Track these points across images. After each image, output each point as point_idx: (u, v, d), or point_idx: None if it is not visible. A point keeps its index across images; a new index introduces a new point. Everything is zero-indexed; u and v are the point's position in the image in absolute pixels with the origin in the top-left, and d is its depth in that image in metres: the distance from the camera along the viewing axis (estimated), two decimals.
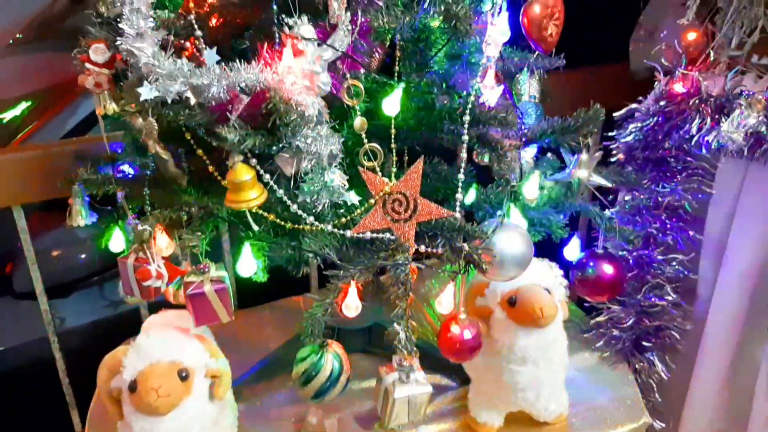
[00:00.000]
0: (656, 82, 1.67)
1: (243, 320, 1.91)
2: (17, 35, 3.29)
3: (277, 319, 1.93)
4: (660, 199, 1.63)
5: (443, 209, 1.28)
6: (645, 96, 1.75)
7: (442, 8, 1.22)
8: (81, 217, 1.55)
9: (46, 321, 1.91)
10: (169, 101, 1.16)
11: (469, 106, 1.32)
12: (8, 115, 2.77)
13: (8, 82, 2.91)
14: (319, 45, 1.20)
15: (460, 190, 1.34)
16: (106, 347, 1.32)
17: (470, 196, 1.58)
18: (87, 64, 1.31)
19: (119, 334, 1.73)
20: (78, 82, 1.34)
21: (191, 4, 1.32)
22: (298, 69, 1.19)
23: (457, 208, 1.32)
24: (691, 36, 1.53)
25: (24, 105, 2.79)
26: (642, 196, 1.65)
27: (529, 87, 1.61)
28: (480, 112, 1.31)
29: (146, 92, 1.17)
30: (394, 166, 1.38)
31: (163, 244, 1.28)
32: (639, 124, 1.59)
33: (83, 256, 2.49)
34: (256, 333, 1.86)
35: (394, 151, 1.41)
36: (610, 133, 1.67)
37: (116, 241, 1.53)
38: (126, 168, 1.52)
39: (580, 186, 1.47)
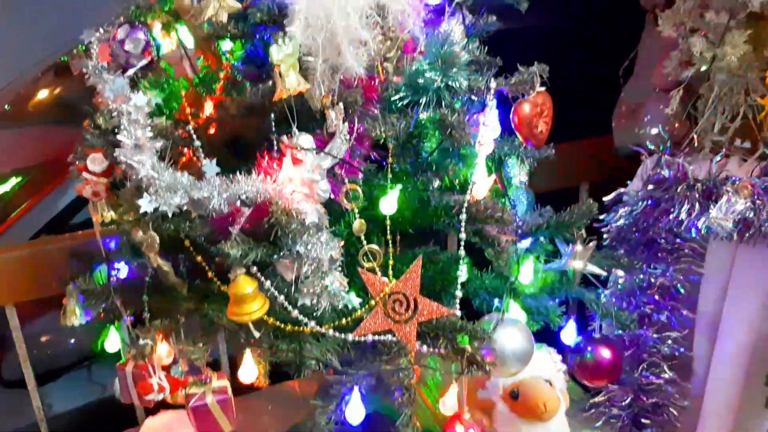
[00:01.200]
0: (642, 161, 1.71)
1: (238, 409, 1.88)
2: (5, 107, 3.30)
3: (273, 407, 1.90)
4: (652, 280, 1.65)
5: (443, 308, 1.29)
6: (629, 171, 1.79)
7: (438, 118, 1.24)
8: (76, 317, 1.53)
9: (36, 408, 1.89)
10: (170, 215, 1.16)
11: (465, 204, 1.34)
12: None
13: None
14: (317, 153, 1.23)
15: (458, 287, 1.35)
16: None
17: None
18: (85, 174, 1.32)
19: (108, 417, 1.70)
20: (75, 191, 1.34)
21: (188, 111, 1.34)
22: (298, 178, 1.20)
23: (457, 307, 1.33)
24: (676, 125, 1.57)
25: (14, 180, 2.77)
26: (635, 277, 1.67)
27: (518, 173, 1.64)
28: (476, 211, 1.33)
29: (146, 205, 1.17)
30: (392, 258, 1.39)
31: (164, 352, 1.27)
32: (629, 209, 1.62)
33: (72, 341, 2.45)
34: (252, 422, 1.84)
35: (390, 242, 1.43)
36: (600, 216, 1.70)
37: (112, 341, 1.52)
38: (122, 267, 1.51)
39: (575, 274, 1.49)
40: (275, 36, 1.15)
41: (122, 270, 1.50)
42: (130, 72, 1.33)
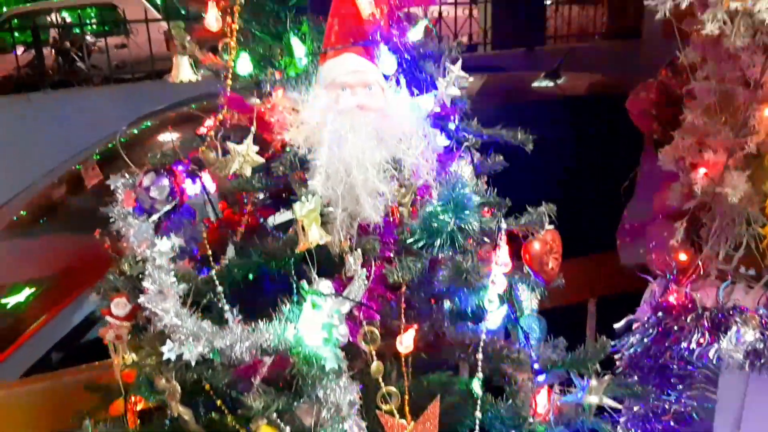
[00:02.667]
0: (649, 287, 1.75)
1: None
2: (21, 212, 3.34)
3: None
4: (666, 406, 1.66)
5: None
6: (637, 285, 1.82)
7: (452, 264, 1.29)
8: None
9: None
10: (193, 363, 1.19)
11: (481, 344, 1.36)
12: (11, 300, 2.74)
13: (10, 265, 2.91)
14: (337, 298, 1.26)
15: (477, 428, 1.36)
16: None
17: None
18: (108, 317, 1.35)
19: None
20: (99, 335, 1.36)
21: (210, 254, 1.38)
22: (318, 323, 1.23)
23: None
24: (682, 257, 1.62)
25: (28, 291, 2.77)
26: (649, 404, 1.67)
27: (529, 301, 1.67)
28: (492, 350, 1.35)
29: (169, 352, 1.20)
30: (406, 390, 1.41)
31: None
32: (640, 336, 1.64)
33: None
34: None
35: (405, 374, 1.45)
36: (612, 342, 1.72)
37: None
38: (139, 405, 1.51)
39: (591, 408, 1.50)
40: (299, 192, 1.21)
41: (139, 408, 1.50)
42: (155, 217, 1.39)
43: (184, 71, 1.38)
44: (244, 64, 1.41)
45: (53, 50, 7.15)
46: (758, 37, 1.40)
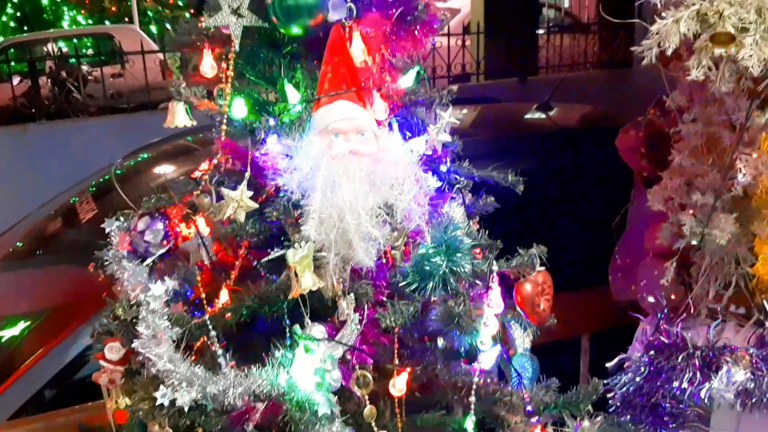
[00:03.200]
0: (641, 325, 1.76)
1: None
2: (17, 243, 3.33)
3: None
4: None
5: None
6: (628, 318, 1.83)
7: (445, 308, 1.30)
8: None
9: None
10: (186, 409, 1.19)
11: (474, 387, 1.37)
12: (6, 334, 2.73)
13: (5, 297, 2.89)
14: (329, 343, 1.27)
15: None
16: None
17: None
18: (102, 362, 1.35)
19: None
20: (92, 379, 1.37)
21: (203, 297, 1.39)
22: (311, 367, 1.24)
23: None
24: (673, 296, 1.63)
25: (23, 324, 2.75)
26: None
27: (522, 341, 1.68)
28: (484, 393, 1.36)
29: (162, 397, 1.21)
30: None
31: None
32: (632, 375, 1.65)
33: None
34: None
35: (399, 414, 1.45)
36: (604, 381, 1.73)
37: None
38: None
39: None
40: (293, 239, 1.23)
41: None
42: (149, 261, 1.40)
43: (179, 117, 1.40)
44: (239, 109, 1.44)
45: (49, 80, 7.19)
46: (742, 83, 1.44)
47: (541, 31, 8.48)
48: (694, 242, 1.57)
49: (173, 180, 2.86)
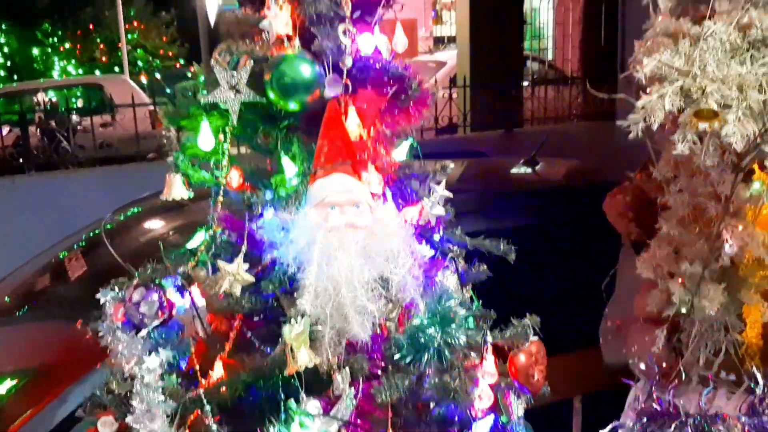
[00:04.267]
0: (633, 391, 1.76)
1: None
2: (5, 298, 3.28)
3: None
4: None
5: None
6: (619, 383, 1.83)
7: (440, 381, 1.30)
8: None
9: None
10: None
11: None
12: None
13: None
14: (324, 418, 1.27)
15: None
16: None
17: None
18: None
19: None
20: None
21: (198, 369, 1.39)
22: None
23: None
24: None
25: (9, 383, 2.69)
26: None
27: (516, 408, 1.68)
28: None
29: None
30: None
31: None
32: None
33: None
34: None
35: None
36: None
37: None
38: None
39: None
40: (288, 311, 1.23)
41: None
42: (143, 332, 1.39)
43: (176, 190, 1.42)
44: (236, 181, 1.46)
45: (38, 130, 7.22)
46: (727, 156, 1.48)
47: (525, 83, 8.68)
48: (683, 311, 1.59)
49: (165, 238, 2.87)
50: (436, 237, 1.54)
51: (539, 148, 3.68)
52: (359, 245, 1.31)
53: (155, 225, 3.34)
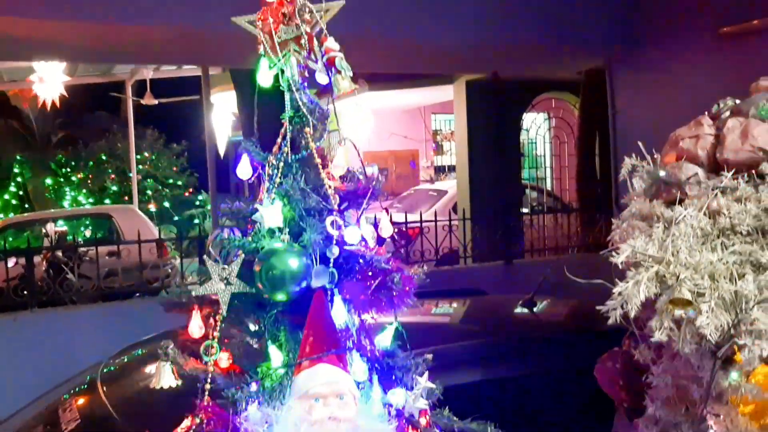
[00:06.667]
0: None
1: None
2: None
3: None
4: None
5: None
6: None
7: None
8: None
9: None
10: None
11: None
12: None
13: None
14: None
15: None
16: None
17: None
18: None
19: None
20: None
21: None
22: None
23: None
24: None
25: None
26: None
27: None
28: None
29: None
30: None
31: None
32: None
33: None
34: None
35: None
36: None
37: None
38: None
39: None
40: None
41: None
42: None
43: (165, 379, 1.45)
44: (225, 363, 1.49)
45: (45, 261, 7.32)
46: (704, 343, 1.51)
47: (525, 210, 8.84)
48: None
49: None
50: (423, 421, 1.54)
51: (537, 291, 3.71)
52: None
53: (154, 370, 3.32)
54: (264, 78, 1.51)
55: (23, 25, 4.38)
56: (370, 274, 1.43)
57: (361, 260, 1.42)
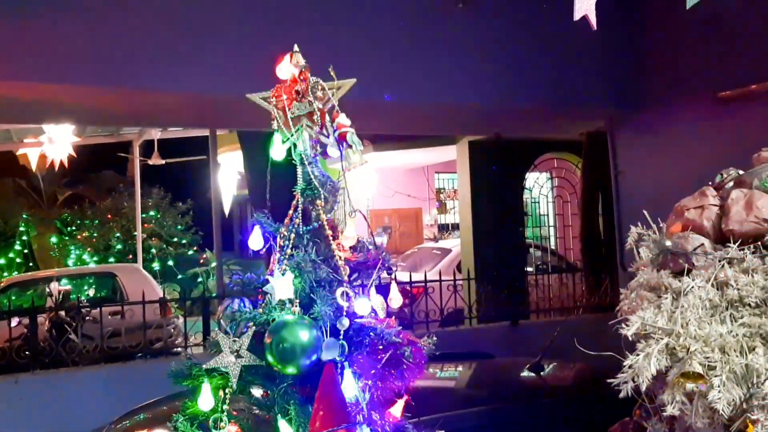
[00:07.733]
0: None
1: None
2: None
3: None
4: None
5: None
6: None
7: None
8: None
9: None
10: None
11: None
12: None
13: None
14: None
15: None
16: None
17: None
18: None
19: None
20: None
21: None
22: None
23: None
24: None
25: None
26: None
27: None
28: None
29: None
30: None
31: None
32: None
33: None
34: None
35: None
36: None
37: None
38: None
39: None
40: None
41: None
42: None
43: None
44: None
45: (48, 321, 7.26)
46: (717, 416, 1.50)
47: (530, 269, 8.78)
48: None
49: None
50: None
51: (542, 355, 3.69)
52: None
53: None
54: (277, 152, 1.55)
55: (35, 90, 4.48)
56: (380, 347, 1.44)
57: (371, 333, 1.43)
